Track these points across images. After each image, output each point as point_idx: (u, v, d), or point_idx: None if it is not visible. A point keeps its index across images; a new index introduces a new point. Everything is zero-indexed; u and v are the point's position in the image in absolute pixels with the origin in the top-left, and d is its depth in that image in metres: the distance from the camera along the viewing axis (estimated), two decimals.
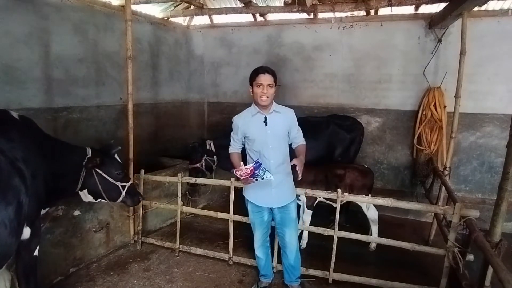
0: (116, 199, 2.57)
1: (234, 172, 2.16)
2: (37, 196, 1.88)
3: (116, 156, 2.59)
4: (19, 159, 1.75)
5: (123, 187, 2.56)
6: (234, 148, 2.52)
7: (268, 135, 2.32)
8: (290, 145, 2.50)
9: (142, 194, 2.85)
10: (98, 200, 2.53)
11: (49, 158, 2.06)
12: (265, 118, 2.32)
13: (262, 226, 2.57)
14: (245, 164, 2.18)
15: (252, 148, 2.39)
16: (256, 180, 2.15)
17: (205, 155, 3.99)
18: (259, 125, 2.33)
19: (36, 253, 2.00)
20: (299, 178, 2.29)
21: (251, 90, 2.33)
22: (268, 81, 2.25)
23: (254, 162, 2.11)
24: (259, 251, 2.65)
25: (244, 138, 2.43)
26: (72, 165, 2.30)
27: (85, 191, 2.42)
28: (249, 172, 2.08)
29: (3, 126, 1.84)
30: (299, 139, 2.50)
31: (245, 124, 2.39)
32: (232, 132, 2.51)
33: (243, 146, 2.50)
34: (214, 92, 5.71)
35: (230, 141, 2.53)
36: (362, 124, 4.38)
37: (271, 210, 2.51)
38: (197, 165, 3.98)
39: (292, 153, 2.49)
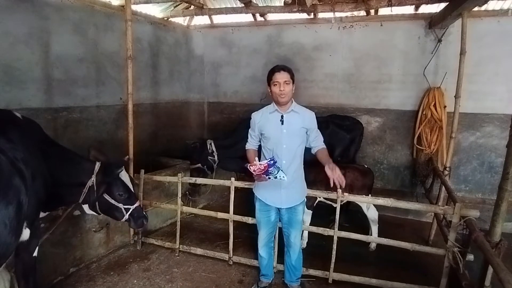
0: (118, 219, 2.46)
1: (248, 167, 2.12)
2: (37, 197, 1.87)
3: (122, 175, 2.40)
4: (19, 160, 1.74)
5: (127, 209, 2.41)
6: (251, 144, 2.51)
7: (283, 134, 2.30)
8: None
9: (147, 216, 2.64)
10: (99, 214, 2.44)
11: (51, 162, 2.04)
12: (282, 116, 2.31)
13: (268, 225, 2.56)
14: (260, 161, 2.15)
15: (266, 146, 2.38)
16: (269, 178, 2.12)
17: (206, 155, 3.98)
18: (275, 123, 2.32)
19: (35, 253, 2.00)
20: (341, 186, 2.25)
21: (269, 90, 2.32)
22: (284, 78, 2.24)
23: (269, 159, 2.09)
24: (262, 250, 2.64)
25: (261, 135, 2.42)
26: (74, 177, 2.22)
27: (87, 205, 2.35)
28: (263, 168, 2.05)
29: (5, 127, 1.83)
30: (318, 143, 2.44)
31: (262, 120, 2.38)
32: (250, 129, 2.50)
33: (260, 143, 2.48)
34: (214, 92, 5.71)
35: (230, 140, 2.53)
36: (362, 124, 4.38)
37: (278, 210, 2.50)
38: (199, 165, 3.97)
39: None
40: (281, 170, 2.13)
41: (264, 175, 2.09)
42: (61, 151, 2.21)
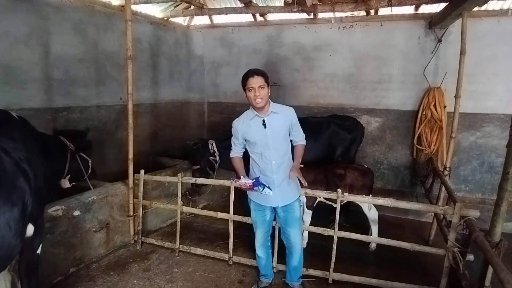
0: (86, 174, 2.77)
1: (234, 181, 2.22)
2: (41, 195, 1.88)
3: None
4: (23, 160, 1.75)
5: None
6: (236, 152, 2.52)
7: (268, 137, 2.31)
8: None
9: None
10: (72, 184, 2.67)
11: (47, 155, 2.10)
12: (263, 121, 2.31)
13: (264, 225, 2.56)
14: (248, 173, 2.34)
15: (254, 150, 2.39)
16: (255, 191, 2.26)
17: (208, 156, 3.97)
18: (258, 128, 2.33)
19: (38, 251, 2.00)
20: (306, 184, 2.33)
21: (245, 96, 2.32)
22: (259, 83, 2.21)
23: (254, 179, 2.21)
24: (260, 250, 2.65)
25: (245, 141, 2.43)
26: (58, 157, 2.42)
27: (68, 177, 2.54)
28: (248, 186, 2.20)
29: (6, 127, 1.84)
30: (298, 137, 2.48)
31: (244, 127, 2.39)
32: (232, 137, 2.50)
33: (244, 149, 2.49)
34: (214, 92, 5.71)
35: (231, 141, 2.53)
36: (362, 124, 4.38)
37: (273, 209, 2.50)
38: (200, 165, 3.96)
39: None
40: (267, 187, 2.25)
41: (250, 190, 2.26)
42: (45, 138, 2.33)
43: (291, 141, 2.48)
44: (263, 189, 2.23)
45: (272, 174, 2.32)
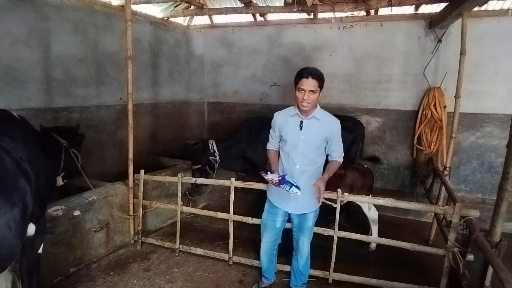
0: (78, 168, 2.74)
1: (262, 175, 2.14)
2: (42, 194, 1.89)
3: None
4: (24, 160, 1.74)
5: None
6: (272, 145, 2.46)
7: (300, 140, 2.22)
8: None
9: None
10: (64, 181, 2.65)
11: (45, 154, 2.10)
12: (301, 122, 2.22)
13: (272, 231, 2.51)
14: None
15: (283, 148, 2.33)
16: (282, 188, 2.15)
17: (208, 155, 3.97)
18: (294, 128, 2.24)
19: (40, 250, 2.00)
20: (319, 203, 2.23)
21: (294, 92, 2.18)
22: (311, 86, 2.07)
23: (280, 176, 2.11)
24: (264, 255, 2.60)
25: (280, 136, 2.37)
26: (55, 152, 2.43)
27: (62, 174, 2.54)
28: (275, 183, 2.11)
29: (8, 127, 1.83)
30: (335, 153, 2.31)
31: (282, 122, 2.33)
32: (270, 129, 2.44)
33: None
34: (214, 92, 5.71)
35: (232, 141, 2.51)
36: (363, 124, 4.38)
37: (288, 214, 2.44)
38: (200, 165, 3.96)
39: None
40: (295, 186, 2.11)
41: (277, 186, 2.16)
42: (43, 139, 2.31)
43: (327, 156, 2.34)
44: (290, 188, 2.10)
45: (292, 178, 2.21)
